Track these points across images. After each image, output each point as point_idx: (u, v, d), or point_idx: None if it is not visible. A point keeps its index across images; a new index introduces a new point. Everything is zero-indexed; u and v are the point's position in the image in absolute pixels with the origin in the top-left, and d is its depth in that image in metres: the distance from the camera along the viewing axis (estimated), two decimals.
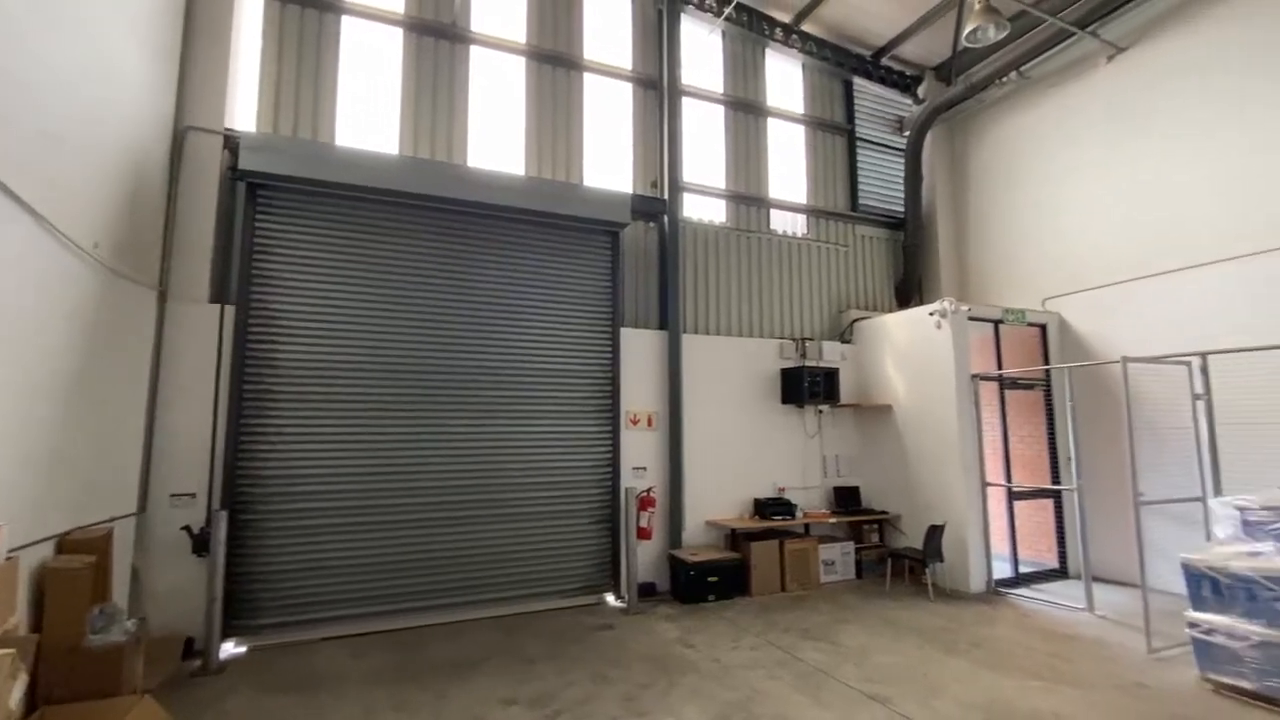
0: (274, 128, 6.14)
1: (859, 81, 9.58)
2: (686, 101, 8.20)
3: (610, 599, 6.60)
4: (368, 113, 6.61)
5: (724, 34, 8.61)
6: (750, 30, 8.64)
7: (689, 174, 8.08)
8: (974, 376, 7.10)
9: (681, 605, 6.45)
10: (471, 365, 6.38)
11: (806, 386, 7.64)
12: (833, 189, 9.24)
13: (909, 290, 9.20)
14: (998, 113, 9.03)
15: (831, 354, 8.28)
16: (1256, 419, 5.86)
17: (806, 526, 7.51)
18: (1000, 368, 7.46)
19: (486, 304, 6.52)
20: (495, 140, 7.15)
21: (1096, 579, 6.57)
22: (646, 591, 6.73)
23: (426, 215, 6.35)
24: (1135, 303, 7.16)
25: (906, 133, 9.60)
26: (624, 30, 8.07)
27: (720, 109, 8.54)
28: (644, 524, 6.61)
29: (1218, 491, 5.30)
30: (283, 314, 5.73)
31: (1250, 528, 4.17)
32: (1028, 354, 7.93)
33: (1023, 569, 7.26)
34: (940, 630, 5.56)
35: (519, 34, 7.40)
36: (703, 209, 8.23)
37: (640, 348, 7.25)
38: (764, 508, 7.29)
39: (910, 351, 7.62)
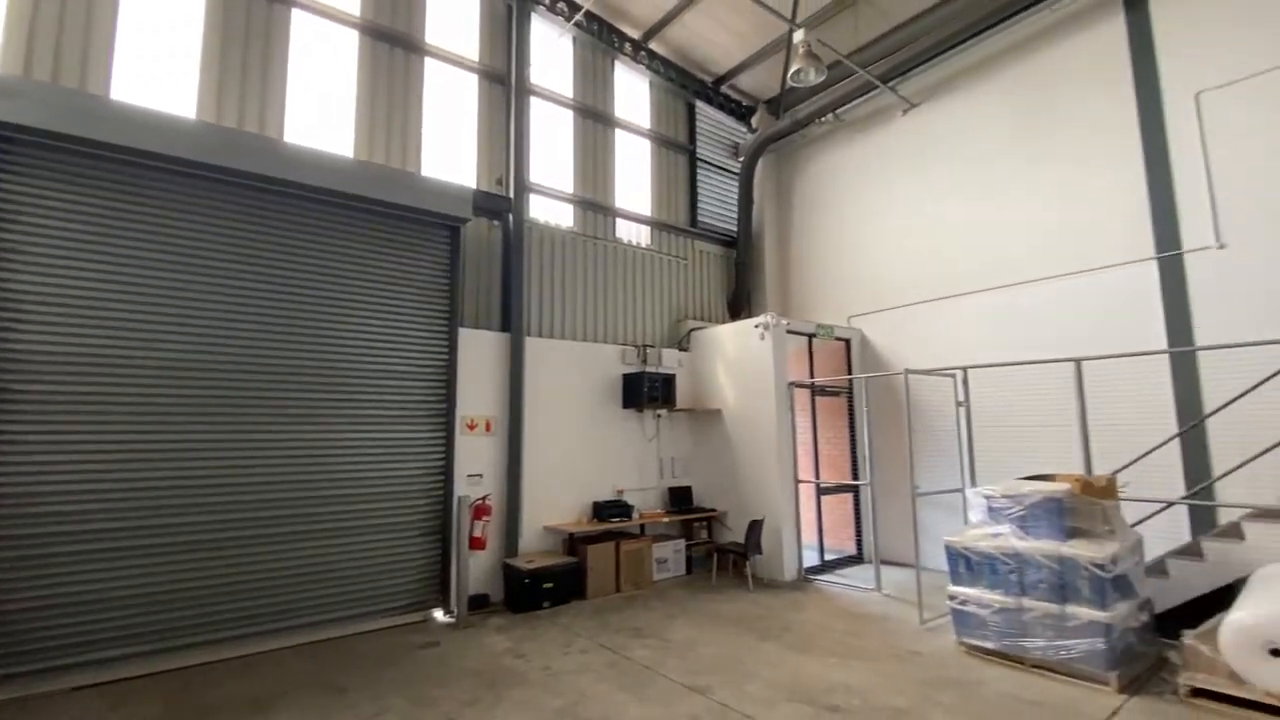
0: (26, 70, 5.01)
1: (700, 105, 10.16)
2: (535, 102, 8.10)
3: (439, 614, 6.25)
4: (159, 68, 5.65)
5: (575, 40, 8.65)
6: (600, 40, 8.77)
7: (536, 175, 7.98)
8: (791, 384, 7.82)
9: (515, 615, 6.29)
10: (284, 364, 5.70)
11: (646, 391, 7.88)
12: (675, 204, 9.68)
13: (740, 304, 9.91)
14: (818, 148, 10.08)
15: (670, 361, 8.64)
16: (1004, 422, 7.13)
17: (642, 527, 7.74)
18: (813, 376, 8.30)
19: (306, 296, 5.88)
20: (320, 118, 6.50)
21: (885, 562, 7.54)
22: (479, 604, 6.48)
23: (232, 193, 5.57)
24: (919, 323, 8.37)
25: (741, 158, 10.35)
26: (472, 20, 7.77)
27: (570, 114, 8.56)
28: (478, 533, 6.36)
29: (973, 483, 6.34)
30: (27, 296, 4.68)
31: (994, 513, 5.04)
32: (835, 365, 8.92)
33: (828, 557, 8.12)
34: (757, 618, 6.02)
35: (352, 5, 6.81)
36: (550, 211, 8.18)
37: (480, 349, 6.99)
38: (602, 510, 7.38)
39: (738, 360, 8.20)
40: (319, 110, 6.50)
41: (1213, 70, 6.20)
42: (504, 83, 7.83)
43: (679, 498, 8.33)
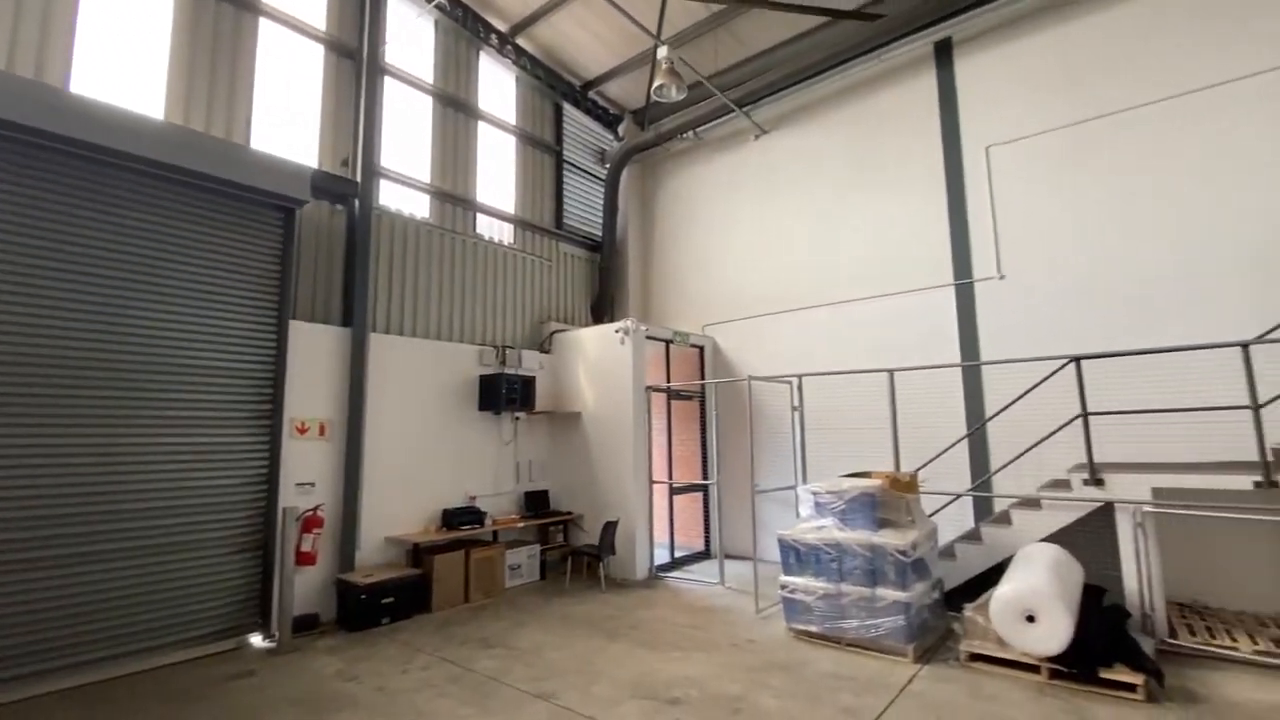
0: None
1: (568, 108, 10.15)
2: (391, 83, 7.60)
3: (257, 640, 5.59)
4: None
5: (437, 24, 8.25)
6: (465, 28, 8.45)
7: (389, 161, 7.48)
8: (648, 388, 8.05)
9: (350, 634, 5.81)
10: (70, 357, 4.79)
11: (504, 394, 7.68)
12: (540, 204, 9.56)
13: (602, 308, 10.02)
14: (680, 163, 10.50)
15: (531, 362, 8.50)
16: (833, 424, 7.88)
17: (495, 533, 7.52)
18: (669, 381, 8.61)
19: (105, 281, 5.00)
20: (121, 71, 5.57)
21: (730, 557, 8.01)
22: (307, 625, 5.89)
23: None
24: (765, 333, 9.00)
25: (608, 165, 10.48)
26: None
27: (429, 100, 8.13)
28: (307, 548, 5.80)
29: (804, 481, 6.93)
30: None
31: (820, 508, 5.54)
32: (690, 370, 9.32)
33: (679, 554, 8.44)
34: (607, 619, 6.09)
35: None
36: (404, 200, 7.70)
37: (317, 345, 6.39)
38: (452, 518, 7.07)
39: (599, 364, 8.28)
40: (121, 62, 5.58)
41: (1001, 128, 7.35)
42: (354, 58, 7.26)
43: (536, 501, 8.22)
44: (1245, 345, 4.84)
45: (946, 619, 5.44)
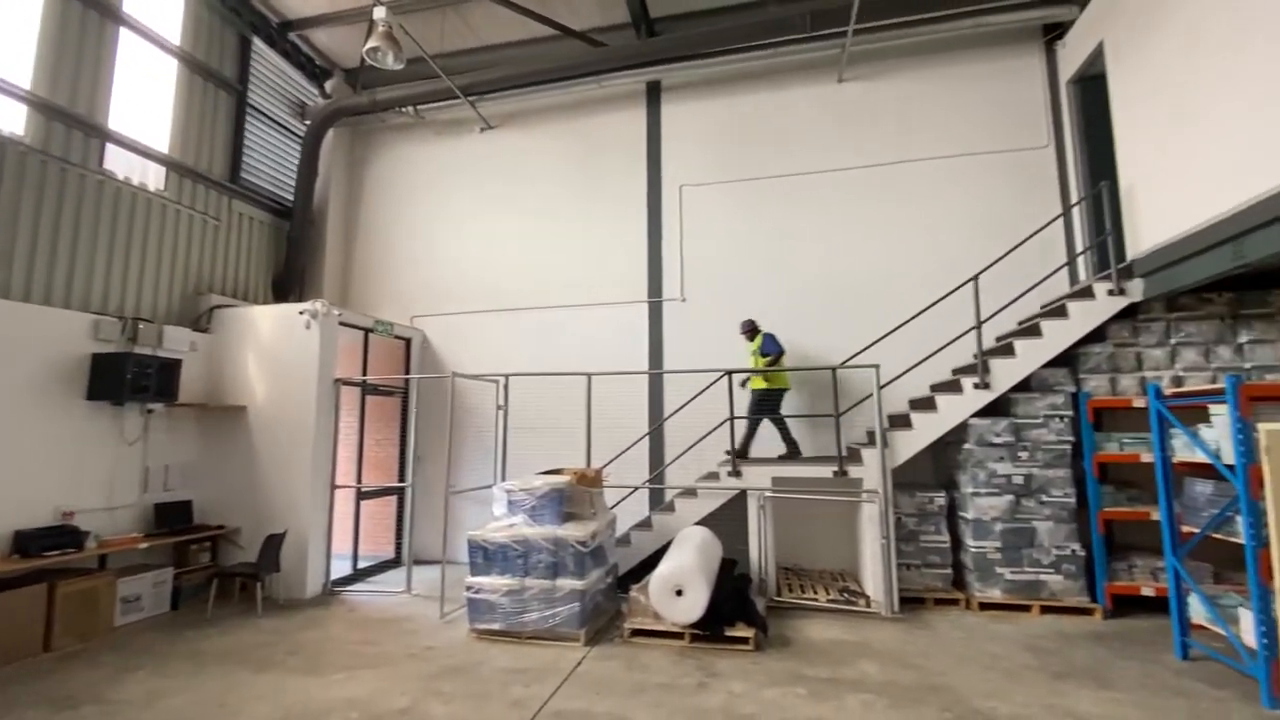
0: None
1: (260, 45, 8.58)
2: None
3: None
4: None
5: None
6: None
7: None
8: (338, 381, 7.20)
9: None
10: None
11: (131, 379, 6.03)
12: (209, 150, 7.85)
13: (289, 284, 8.67)
14: (399, 138, 9.71)
15: (177, 342, 6.86)
16: (537, 424, 8.10)
17: (103, 558, 5.85)
18: (366, 374, 7.84)
19: None
20: None
21: (424, 562, 7.63)
22: None
23: None
24: (477, 329, 8.84)
25: (309, 121, 9.15)
26: None
27: None
28: None
29: (505, 480, 6.96)
30: None
31: (513, 506, 5.62)
32: (394, 364, 8.65)
33: (365, 564, 7.72)
34: (259, 647, 5.21)
35: None
36: None
37: None
38: (29, 542, 5.27)
39: (276, 350, 7.11)
40: None
41: (692, 171, 8.48)
42: None
43: (172, 515, 6.63)
44: (834, 369, 6.41)
45: (617, 601, 6.00)
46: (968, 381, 6.09)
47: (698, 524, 6.42)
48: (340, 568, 7.27)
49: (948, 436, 6.19)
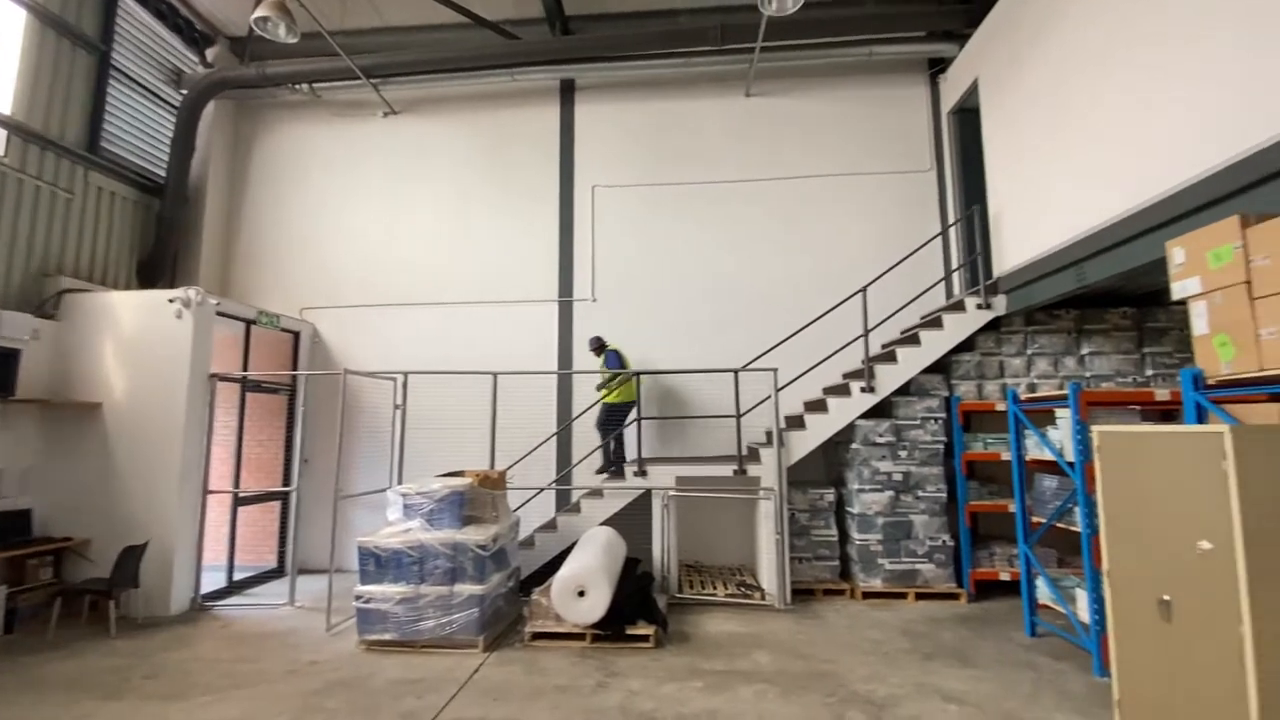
0: None
1: (130, 2, 7.71)
2: None
3: None
4: None
5: None
6: None
7: None
8: (214, 376, 6.60)
9: None
10: None
11: None
12: (62, 113, 6.96)
13: (158, 269, 7.86)
14: (293, 117, 9.04)
15: (16, 329, 6.02)
16: (439, 424, 7.81)
17: None
18: (246, 369, 7.24)
19: None
20: None
21: (312, 571, 7.15)
22: None
23: None
24: (377, 325, 8.40)
25: (185, 91, 8.33)
26: None
27: None
28: None
29: (400, 483, 6.65)
30: None
31: (409, 510, 5.37)
32: (280, 359, 8.04)
33: (243, 575, 7.11)
34: (111, 671, 4.67)
35: None
36: None
37: None
38: None
39: (140, 341, 6.41)
40: None
41: (606, 172, 8.50)
42: None
43: (6, 527, 5.81)
44: (736, 372, 6.65)
45: (519, 605, 5.89)
46: (856, 385, 6.51)
47: (603, 524, 6.44)
48: (213, 580, 6.66)
49: (837, 436, 6.58)
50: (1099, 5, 4.93)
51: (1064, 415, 4.86)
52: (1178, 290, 3.70)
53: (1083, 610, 4.61)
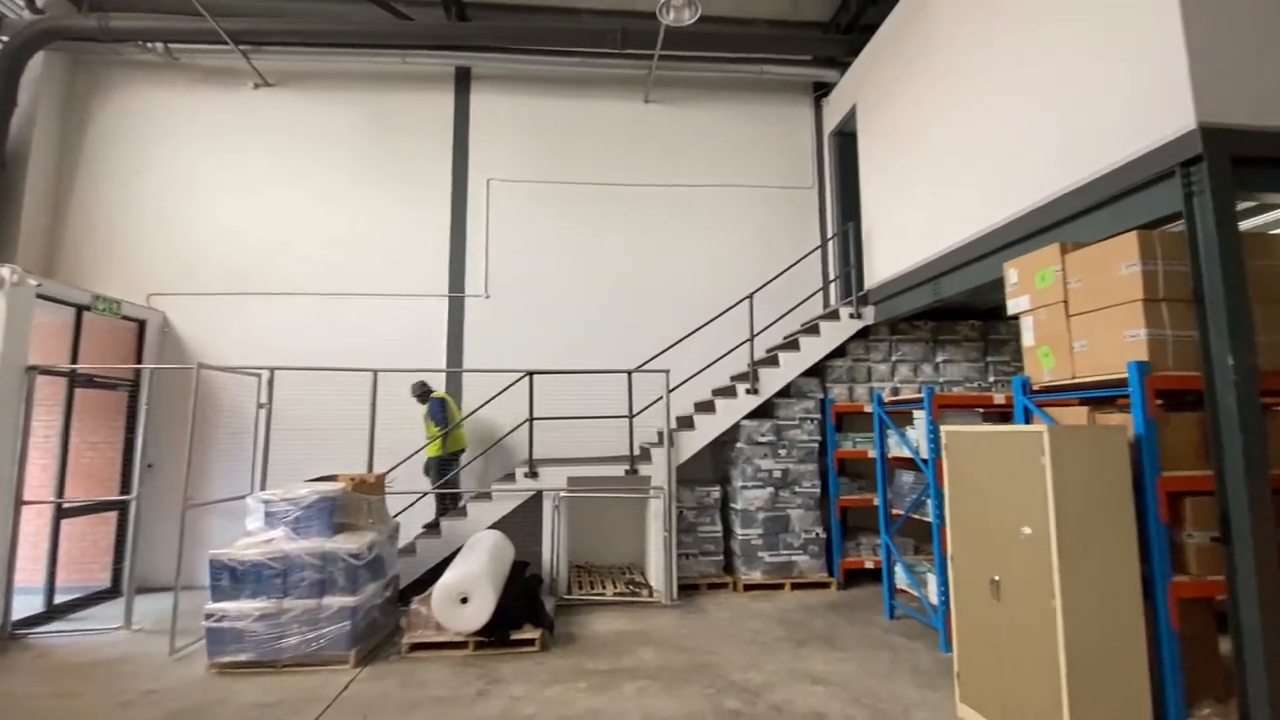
0: None
1: None
2: None
3: None
4: None
5: None
6: None
7: None
8: (31, 369, 5.70)
9: None
10: None
11: None
12: None
13: None
14: (144, 79, 8.02)
15: None
16: (310, 425, 7.25)
17: None
18: (75, 361, 6.33)
19: None
20: None
21: (154, 590, 6.39)
22: None
23: None
24: (242, 315, 7.65)
25: (5, 38, 7.15)
26: None
27: None
28: None
29: (264, 489, 6.10)
30: None
31: (271, 518, 4.93)
32: (121, 350, 7.11)
33: (66, 598, 6.20)
34: None
35: None
36: None
37: None
38: None
39: None
40: None
41: (503, 166, 8.28)
42: None
43: None
44: (629, 372, 6.73)
45: (397, 615, 5.59)
46: (741, 387, 6.80)
47: (491, 527, 6.26)
48: (27, 605, 5.76)
49: (724, 436, 6.83)
50: (951, 60, 5.49)
51: (920, 416, 5.35)
52: (1012, 306, 4.19)
53: (933, 593, 5.10)
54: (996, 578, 3.49)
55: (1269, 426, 3.13)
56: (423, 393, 7.01)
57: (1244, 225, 4.06)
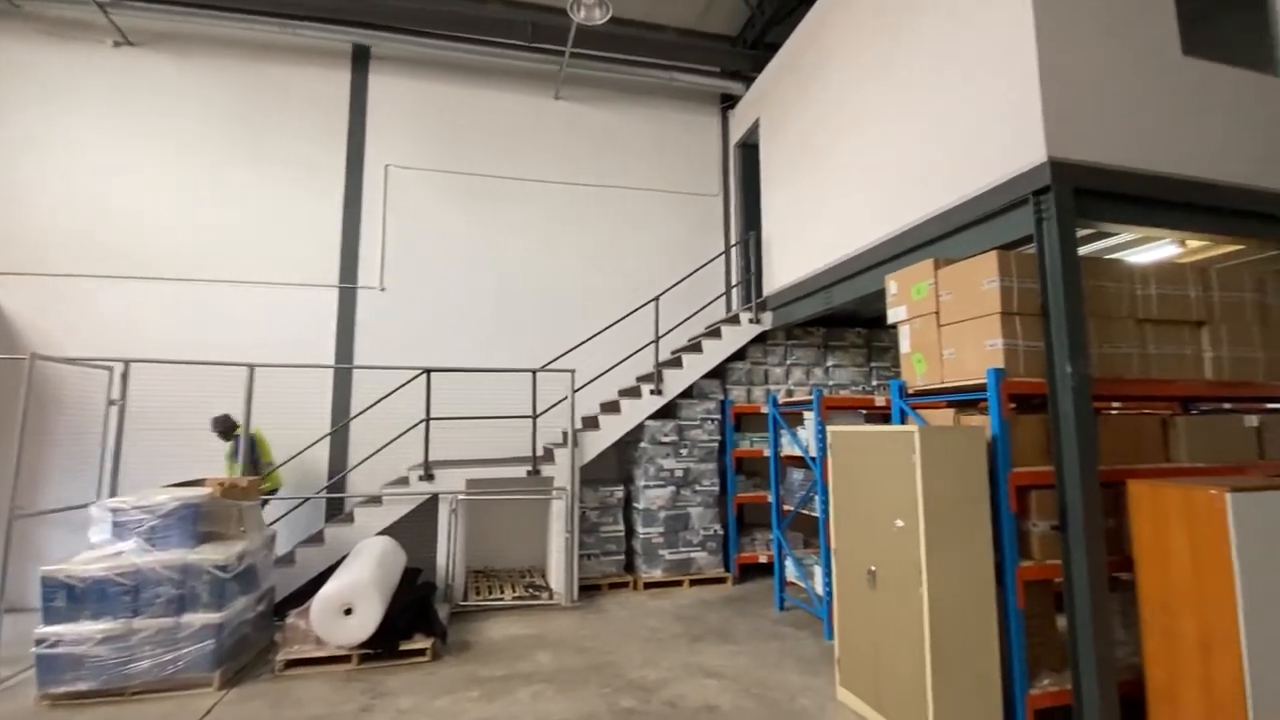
0: None
1: None
2: None
3: None
4: None
5: None
6: None
7: None
8: None
9: None
10: None
11: None
12: None
13: None
14: None
15: None
16: (173, 424, 6.55)
17: None
18: None
19: None
20: None
21: None
22: None
23: None
24: (94, 301, 6.78)
25: None
26: None
27: None
28: None
29: (114, 495, 5.43)
30: None
31: (120, 529, 4.40)
32: None
33: None
34: None
35: None
36: None
37: None
38: None
39: None
40: None
41: (403, 152, 7.87)
42: None
43: None
44: (534, 372, 6.61)
45: (272, 630, 5.16)
46: (646, 388, 6.87)
47: (380, 534, 5.93)
48: None
49: (628, 436, 6.87)
50: (845, 84, 5.85)
51: (810, 417, 5.64)
52: (892, 315, 4.51)
53: (819, 584, 5.39)
54: (874, 568, 3.74)
55: (1100, 428, 3.57)
56: (225, 429, 6.16)
57: (1083, 250, 4.61)
